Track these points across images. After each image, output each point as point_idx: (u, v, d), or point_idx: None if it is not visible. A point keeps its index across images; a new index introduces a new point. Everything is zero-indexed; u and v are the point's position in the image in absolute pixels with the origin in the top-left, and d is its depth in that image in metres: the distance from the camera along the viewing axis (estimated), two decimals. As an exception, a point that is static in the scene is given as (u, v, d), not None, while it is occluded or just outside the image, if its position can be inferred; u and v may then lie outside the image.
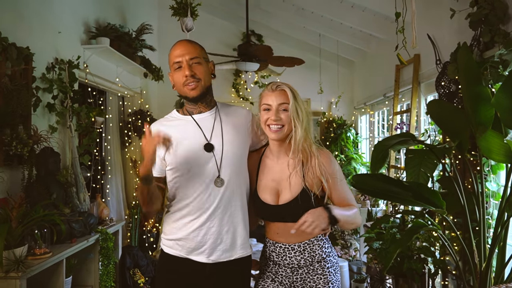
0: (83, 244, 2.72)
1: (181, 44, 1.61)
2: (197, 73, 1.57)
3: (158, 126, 1.66)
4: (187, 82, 1.58)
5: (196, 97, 1.60)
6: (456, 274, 2.79)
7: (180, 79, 1.58)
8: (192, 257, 1.57)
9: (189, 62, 1.57)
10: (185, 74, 1.56)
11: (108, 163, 4.24)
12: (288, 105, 1.58)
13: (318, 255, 1.62)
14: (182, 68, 1.57)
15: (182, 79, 1.58)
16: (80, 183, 3.22)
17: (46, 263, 2.31)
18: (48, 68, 3.10)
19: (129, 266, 3.34)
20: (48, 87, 3.05)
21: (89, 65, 3.64)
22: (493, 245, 2.07)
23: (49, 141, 2.78)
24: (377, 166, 2.47)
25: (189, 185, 1.56)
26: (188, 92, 1.59)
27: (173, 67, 1.60)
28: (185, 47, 1.59)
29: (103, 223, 3.17)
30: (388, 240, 2.77)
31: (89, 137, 3.40)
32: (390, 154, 3.10)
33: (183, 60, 1.57)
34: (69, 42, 3.44)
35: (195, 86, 1.58)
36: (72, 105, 3.27)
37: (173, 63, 1.59)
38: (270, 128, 1.58)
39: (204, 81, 1.59)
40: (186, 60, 1.57)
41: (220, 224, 1.57)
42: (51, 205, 2.66)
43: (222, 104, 1.72)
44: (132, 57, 4.23)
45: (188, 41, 1.62)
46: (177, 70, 1.59)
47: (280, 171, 1.63)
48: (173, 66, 1.60)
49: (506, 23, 2.29)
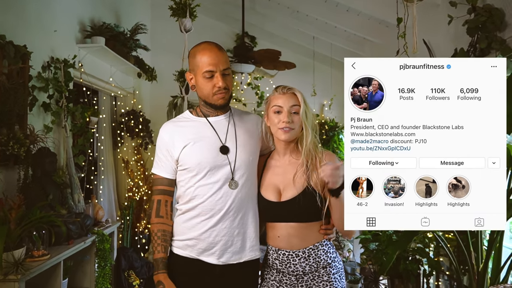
0: (80, 245, 2.68)
1: (213, 51, 1.58)
2: (228, 84, 1.59)
3: (172, 127, 1.65)
4: (218, 92, 1.58)
5: (222, 105, 1.62)
6: (448, 274, 2.85)
7: (210, 88, 1.58)
8: (202, 258, 1.57)
9: (222, 73, 1.57)
10: (219, 85, 1.56)
11: (101, 164, 4.20)
12: (299, 107, 1.59)
13: (323, 261, 1.60)
14: (215, 78, 1.57)
15: (213, 88, 1.58)
16: (75, 184, 3.18)
17: (44, 265, 2.27)
18: (44, 67, 3.05)
19: (124, 268, 3.31)
20: (44, 86, 3.00)
21: (83, 65, 3.60)
22: (491, 246, 2.13)
23: (46, 141, 2.74)
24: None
25: (203, 185, 1.57)
26: (217, 101, 1.60)
27: (203, 75, 1.57)
28: (218, 55, 1.57)
29: (99, 224, 3.14)
30: (385, 241, 2.81)
31: (84, 137, 3.37)
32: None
33: (217, 70, 1.56)
34: (65, 41, 3.39)
35: (224, 96, 1.60)
36: (67, 104, 3.23)
37: (205, 71, 1.56)
38: (283, 130, 1.59)
39: (230, 90, 1.61)
40: (220, 71, 1.56)
41: (231, 226, 1.57)
42: (48, 206, 2.63)
43: (235, 109, 1.74)
44: (126, 57, 4.19)
45: (218, 48, 1.60)
46: (208, 79, 1.57)
47: (284, 170, 1.64)
48: (203, 74, 1.57)
49: (502, 30, 2.36)
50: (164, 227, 1.62)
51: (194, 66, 1.60)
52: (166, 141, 1.62)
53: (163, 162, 1.63)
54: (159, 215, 1.62)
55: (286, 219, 1.59)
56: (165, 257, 1.60)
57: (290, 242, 1.59)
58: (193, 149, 1.58)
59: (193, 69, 1.62)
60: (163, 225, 1.62)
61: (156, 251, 1.60)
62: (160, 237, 1.60)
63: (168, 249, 1.63)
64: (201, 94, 1.62)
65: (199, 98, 1.66)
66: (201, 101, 1.66)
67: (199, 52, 1.59)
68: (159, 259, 1.59)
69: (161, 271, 1.58)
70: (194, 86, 1.64)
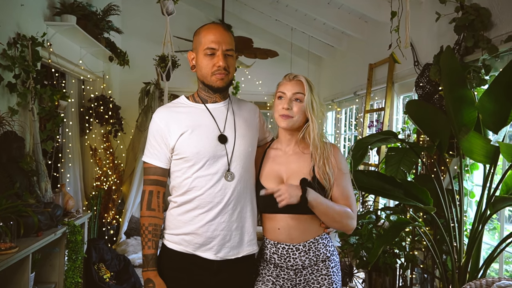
0: (51, 237, 2.50)
1: (218, 30, 1.51)
2: (229, 65, 1.51)
3: (167, 112, 1.54)
4: (217, 72, 1.50)
5: (221, 88, 1.53)
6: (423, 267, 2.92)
7: (210, 67, 1.50)
8: (199, 253, 1.49)
9: (224, 52, 1.50)
10: (219, 64, 1.49)
11: (69, 151, 3.96)
12: (302, 95, 1.54)
13: (322, 254, 1.57)
14: (216, 56, 1.49)
15: (213, 67, 1.50)
16: (42, 172, 2.97)
17: (12, 259, 2.09)
18: (10, 43, 2.81)
19: (95, 261, 3.14)
20: (10, 65, 2.76)
21: (52, 44, 3.36)
22: (473, 241, 2.17)
23: (13, 124, 2.53)
24: (356, 163, 2.51)
25: (200, 176, 1.48)
26: (215, 82, 1.52)
27: (205, 51, 1.49)
28: (222, 34, 1.50)
29: (69, 215, 2.95)
30: (365, 235, 2.83)
31: (53, 121, 3.14)
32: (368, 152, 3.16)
33: (218, 49, 1.49)
34: (32, 17, 3.14)
35: (223, 77, 1.52)
36: (35, 86, 3.00)
37: (207, 48, 1.49)
38: (282, 116, 1.54)
39: (231, 74, 1.54)
40: (222, 50, 1.49)
41: (230, 220, 1.50)
42: (14, 195, 2.43)
43: (234, 97, 1.67)
44: (98, 39, 3.96)
45: (224, 28, 1.53)
46: (208, 56, 1.49)
47: (287, 160, 1.59)
48: (204, 50, 1.49)
49: (489, 30, 2.40)
50: (155, 221, 1.52)
51: (197, 44, 1.53)
52: (161, 128, 1.51)
53: (156, 150, 1.52)
54: (150, 207, 1.52)
55: (288, 210, 1.51)
56: (155, 253, 1.51)
57: (290, 235, 1.54)
58: (191, 137, 1.48)
59: (195, 47, 1.55)
60: (154, 219, 1.52)
61: (147, 247, 1.50)
62: (151, 232, 1.50)
63: (158, 244, 1.54)
64: (200, 73, 1.54)
65: (198, 80, 1.57)
66: (200, 83, 1.57)
67: (204, 30, 1.53)
68: (150, 255, 1.50)
69: (151, 268, 1.49)
70: (194, 66, 1.56)
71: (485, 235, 2.38)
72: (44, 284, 2.72)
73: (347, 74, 4.86)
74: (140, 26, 5.42)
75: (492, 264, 2.23)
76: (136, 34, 5.39)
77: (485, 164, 2.20)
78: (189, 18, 5.46)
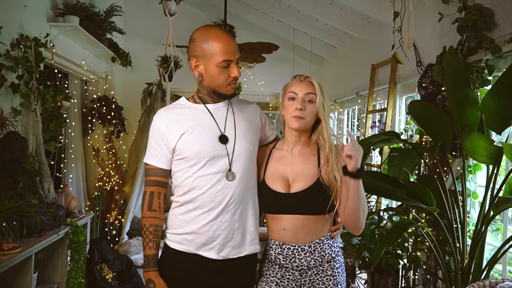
0: (53, 238, 2.51)
1: (229, 39, 1.49)
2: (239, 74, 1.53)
3: (167, 114, 1.54)
4: (232, 82, 1.52)
5: (233, 95, 1.56)
6: (425, 268, 2.91)
7: (225, 77, 1.50)
8: (201, 253, 1.49)
9: (236, 62, 1.51)
10: (235, 75, 1.50)
11: (72, 151, 3.97)
12: (314, 96, 1.54)
13: (328, 255, 1.57)
14: (231, 67, 1.49)
15: (228, 78, 1.50)
16: (45, 172, 2.98)
17: (15, 259, 2.10)
18: (13, 44, 2.82)
19: (97, 261, 3.15)
20: (13, 65, 2.77)
21: (55, 45, 3.37)
22: (476, 241, 2.16)
23: (16, 125, 2.54)
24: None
25: (202, 176, 1.48)
26: (229, 91, 1.53)
27: (220, 64, 1.47)
28: (233, 43, 1.50)
29: (72, 215, 2.96)
30: (368, 236, 2.82)
31: (56, 122, 3.15)
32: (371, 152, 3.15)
33: (234, 60, 1.49)
34: (35, 18, 3.15)
35: (235, 86, 1.55)
36: (38, 86, 3.01)
37: (223, 60, 1.46)
38: (295, 117, 1.53)
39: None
40: (236, 60, 1.50)
41: (232, 219, 1.50)
42: (17, 195, 2.43)
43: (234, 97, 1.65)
44: (100, 40, 3.98)
45: (230, 35, 1.53)
46: (223, 68, 1.48)
47: (293, 161, 1.58)
48: (220, 63, 1.47)
49: (492, 30, 2.39)
50: (156, 221, 1.52)
51: (205, 53, 1.48)
52: (161, 129, 1.51)
53: (157, 152, 1.52)
54: (151, 208, 1.52)
55: (294, 211, 1.51)
56: (156, 253, 1.51)
57: (296, 236, 1.53)
58: (191, 137, 1.48)
59: (203, 56, 1.48)
60: (155, 220, 1.52)
61: (148, 247, 1.50)
62: (152, 233, 1.51)
63: (159, 245, 1.54)
64: (212, 83, 1.51)
65: (205, 86, 1.54)
66: (208, 89, 1.54)
67: (213, 39, 1.47)
68: (151, 255, 1.50)
69: (152, 269, 1.49)
70: (201, 74, 1.51)
71: (488, 236, 2.38)
72: (46, 284, 2.73)
73: (350, 74, 4.86)
74: (143, 27, 5.43)
75: (495, 265, 2.22)
76: (139, 35, 5.41)
77: (488, 164, 2.19)
78: (191, 18, 5.46)
